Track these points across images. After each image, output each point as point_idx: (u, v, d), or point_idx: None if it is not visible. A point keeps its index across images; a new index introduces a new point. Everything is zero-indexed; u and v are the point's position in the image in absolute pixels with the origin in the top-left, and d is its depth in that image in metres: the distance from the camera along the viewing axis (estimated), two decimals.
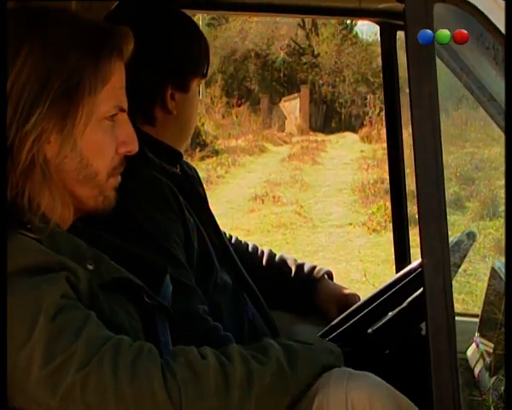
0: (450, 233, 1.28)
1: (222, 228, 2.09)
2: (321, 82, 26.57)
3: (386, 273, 6.74)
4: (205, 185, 2.22)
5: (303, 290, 2.19)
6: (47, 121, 1.34)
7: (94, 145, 1.40)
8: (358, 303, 1.96)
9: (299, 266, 2.24)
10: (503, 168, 1.23)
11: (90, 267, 1.37)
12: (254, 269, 2.20)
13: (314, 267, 2.24)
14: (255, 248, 2.30)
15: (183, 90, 1.91)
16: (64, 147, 1.37)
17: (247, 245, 2.31)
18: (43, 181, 1.36)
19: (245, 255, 2.23)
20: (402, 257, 2.53)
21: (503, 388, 1.82)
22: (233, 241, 2.28)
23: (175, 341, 1.48)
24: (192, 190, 1.98)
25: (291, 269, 2.24)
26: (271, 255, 2.27)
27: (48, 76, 1.34)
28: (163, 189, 1.81)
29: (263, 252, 2.29)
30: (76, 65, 1.36)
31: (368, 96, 20.44)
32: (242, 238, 2.37)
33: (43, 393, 1.22)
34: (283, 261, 2.26)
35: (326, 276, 2.23)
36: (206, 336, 1.71)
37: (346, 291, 2.19)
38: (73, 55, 1.36)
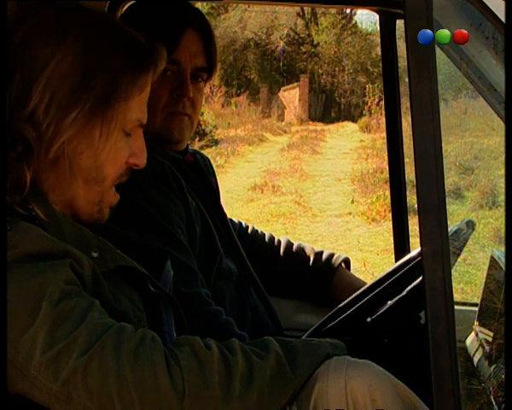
0: (449, 223, 1.28)
1: None
2: (320, 71, 26.54)
3: (385, 263, 6.75)
4: None
5: (320, 281, 2.19)
6: (87, 119, 1.36)
7: (110, 150, 1.41)
8: (358, 292, 1.96)
9: (318, 255, 2.23)
10: (502, 158, 1.24)
11: (95, 255, 1.38)
12: (272, 259, 2.20)
13: (332, 256, 2.23)
14: (272, 238, 2.30)
15: None
16: (83, 144, 1.39)
17: (264, 235, 2.31)
18: (69, 172, 1.38)
19: (262, 246, 2.24)
20: (401, 246, 2.54)
21: (502, 376, 1.82)
22: (249, 231, 2.29)
23: (179, 330, 1.49)
24: (199, 177, 2.00)
25: (309, 258, 2.23)
26: (289, 245, 2.27)
27: (91, 75, 1.36)
28: (165, 171, 1.83)
29: (280, 241, 2.29)
30: (116, 69, 1.37)
31: (367, 86, 20.41)
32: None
33: (44, 377, 1.23)
34: (301, 250, 2.26)
35: (344, 264, 2.23)
36: (208, 318, 1.73)
37: (362, 283, 2.19)
38: (115, 59, 1.38)
